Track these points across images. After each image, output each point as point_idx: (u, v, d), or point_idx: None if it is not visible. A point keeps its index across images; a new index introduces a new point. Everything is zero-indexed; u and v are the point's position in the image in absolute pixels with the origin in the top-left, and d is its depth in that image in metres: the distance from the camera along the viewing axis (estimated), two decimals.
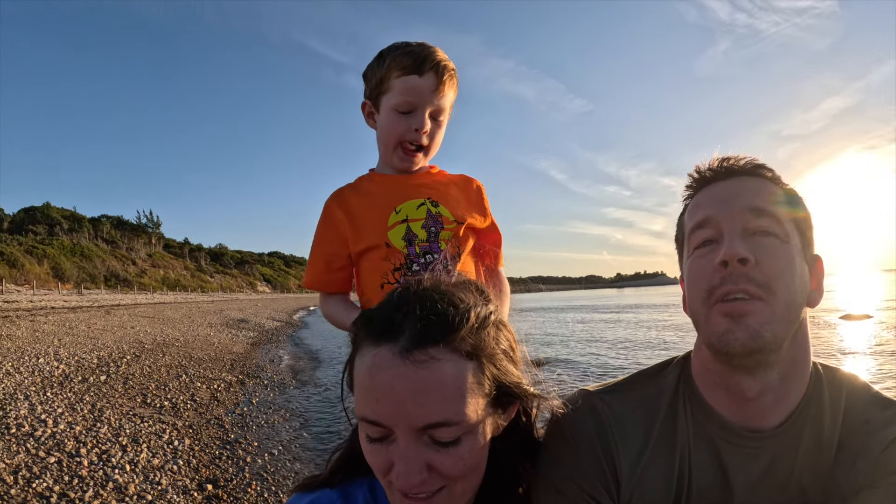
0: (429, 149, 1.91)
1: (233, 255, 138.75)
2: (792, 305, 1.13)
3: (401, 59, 1.79)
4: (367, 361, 1.04)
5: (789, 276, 1.13)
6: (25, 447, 6.49)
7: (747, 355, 1.12)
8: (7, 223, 78.95)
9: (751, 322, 1.10)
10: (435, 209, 1.88)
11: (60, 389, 9.74)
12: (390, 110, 1.84)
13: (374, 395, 1.01)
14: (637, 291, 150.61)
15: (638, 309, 43.57)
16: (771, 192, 1.20)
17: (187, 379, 11.97)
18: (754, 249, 1.13)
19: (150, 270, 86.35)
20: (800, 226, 1.20)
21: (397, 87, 1.81)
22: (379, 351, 1.02)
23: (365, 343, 1.06)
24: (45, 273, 59.05)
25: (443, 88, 1.81)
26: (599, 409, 1.29)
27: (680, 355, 1.38)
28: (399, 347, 1.00)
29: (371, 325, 1.06)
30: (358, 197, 1.95)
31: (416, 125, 1.82)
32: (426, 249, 1.83)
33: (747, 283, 1.11)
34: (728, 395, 1.20)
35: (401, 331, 1.01)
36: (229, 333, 23.89)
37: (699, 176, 1.29)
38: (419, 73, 1.78)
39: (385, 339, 1.02)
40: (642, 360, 15.61)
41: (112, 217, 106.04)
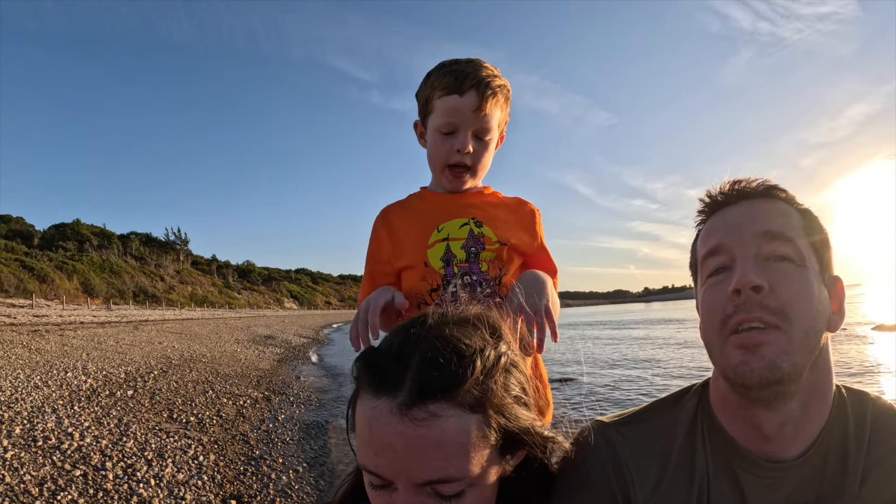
0: (476, 169, 1.86)
1: (260, 271, 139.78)
2: (810, 332, 1.08)
3: (442, 78, 1.76)
4: (366, 412, 0.99)
5: (806, 301, 1.08)
6: (51, 460, 6.52)
7: (765, 387, 1.07)
8: (38, 239, 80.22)
9: (767, 353, 1.06)
10: (478, 229, 1.82)
11: (88, 403, 9.78)
12: (434, 131, 1.82)
13: (372, 448, 0.97)
14: (665, 305, 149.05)
15: (665, 324, 43.29)
16: (784, 213, 1.16)
17: (213, 395, 12.00)
18: (768, 276, 1.09)
19: (178, 287, 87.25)
20: (817, 247, 1.15)
21: (439, 107, 1.78)
22: (378, 404, 0.97)
23: (364, 390, 1.01)
24: (75, 288, 59.86)
25: (484, 107, 1.74)
26: (614, 440, 1.26)
27: (699, 383, 1.34)
28: (398, 403, 0.94)
29: (370, 373, 1.01)
30: (403, 214, 1.93)
31: (458, 146, 1.78)
32: (465, 270, 1.78)
33: (762, 311, 1.07)
34: (747, 425, 1.16)
35: (400, 384, 0.96)
36: (256, 350, 23.98)
37: (710, 200, 1.25)
38: (459, 93, 1.74)
39: (384, 392, 0.97)
40: (668, 379, 15.40)
41: (141, 234, 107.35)
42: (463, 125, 1.77)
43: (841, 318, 1.15)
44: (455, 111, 1.75)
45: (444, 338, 1.00)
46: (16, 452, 6.61)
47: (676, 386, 1.45)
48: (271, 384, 14.57)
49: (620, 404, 11.57)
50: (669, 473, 1.21)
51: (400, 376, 0.96)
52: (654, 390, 13.57)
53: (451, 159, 1.81)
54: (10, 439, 7.08)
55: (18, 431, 7.46)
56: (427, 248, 1.81)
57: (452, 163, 1.82)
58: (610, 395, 13.06)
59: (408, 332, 1.04)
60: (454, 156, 1.80)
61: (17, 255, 59.79)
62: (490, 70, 1.78)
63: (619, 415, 1.35)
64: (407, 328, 1.06)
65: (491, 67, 1.79)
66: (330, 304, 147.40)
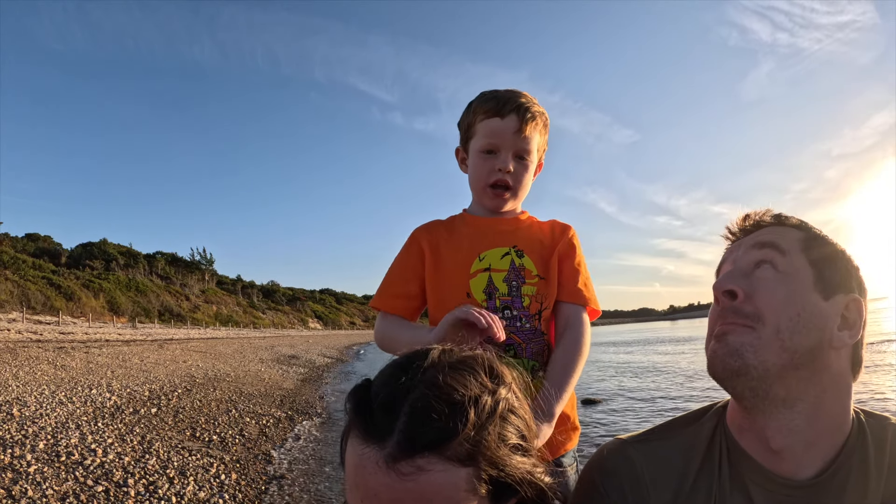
0: (516, 190, 1.90)
1: (284, 291, 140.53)
2: (786, 332, 1.08)
3: (484, 104, 1.84)
4: (354, 457, 0.95)
5: (783, 306, 1.09)
6: (74, 475, 6.51)
7: (731, 376, 1.10)
8: (65, 258, 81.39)
9: (731, 340, 1.10)
10: (519, 260, 1.85)
11: (111, 420, 9.79)
12: (476, 153, 1.88)
13: (358, 493, 0.94)
14: (691, 323, 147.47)
15: (690, 342, 42.79)
16: (784, 231, 1.19)
17: (237, 414, 11.99)
18: (750, 284, 1.12)
19: (203, 306, 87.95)
20: (816, 262, 1.15)
21: (481, 130, 1.85)
22: (365, 451, 0.93)
23: (354, 432, 0.97)
24: (101, 306, 60.54)
25: (525, 129, 1.81)
26: (633, 457, 1.27)
27: (719, 403, 1.34)
28: (385, 454, 0.90)
29: (360, 418, 0.96)
30: (447, 234, 1.95)
31: (500, 165, 1.83)
32: (506, 304, 1.80)
33: (735, 316, 1.11)
34: (755, 439, 1.16)
35: (388, 434, 0.91)
36: (280, 369, 24.01)
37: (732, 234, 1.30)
38: (500, 116, 1.80)
39: (372, 441, 0.93)
40: (692, 398, 15.13)
41: (167, 254, 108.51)
42: (504, 146, 1.82)
43: (850, 336, 1.12)
44: (496, 132, 1.82)
45: (437, 386, 0.94)
46: (39, 467, 6.60)
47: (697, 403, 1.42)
48: (294, 404, 14.55)
49: (644, 422, 11.39)
50: (687, 491, 1.20)
51: (388, 426, 0.92)
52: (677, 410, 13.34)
53: (492, 178, 1.86)
54: (34, 454, 7.07)
55: (42, 446, 7.45)
56: (469, 278, 1.83)
57: (493, 181, 1.86)
58: (634, 416, 12.88)
59: (400, 376, 0.98)
60: (495, 174, 1.85)
61: (44, 272, 60.65)
62: (529, 98, 1.85)
63: (638, 432, 1.36)
64: (399, 371, 1.00)
65: (530, 96, 1.86)
66: (354, 325, 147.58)
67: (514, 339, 1.75)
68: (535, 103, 1.86)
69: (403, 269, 1.93)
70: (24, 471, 6.40)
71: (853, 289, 1.15)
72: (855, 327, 1.13)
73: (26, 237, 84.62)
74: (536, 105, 1.85)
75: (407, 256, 1.94)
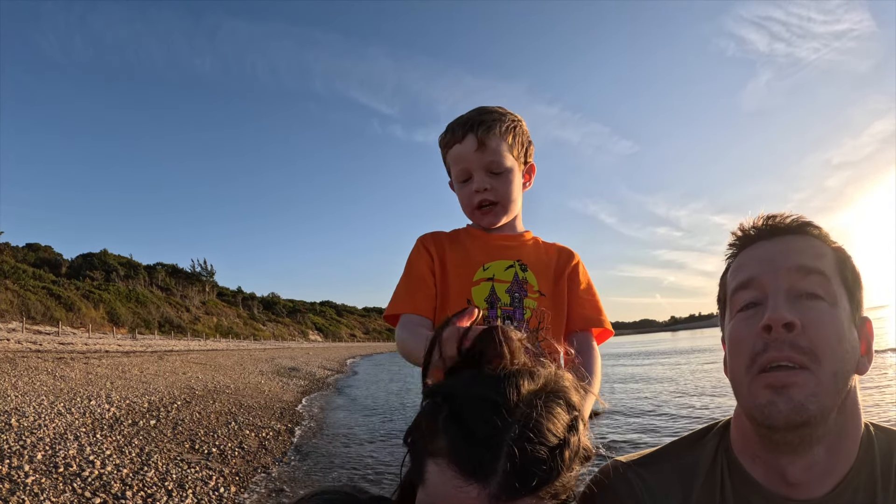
0: (504, 204, 1.87)
1: (285, 303, 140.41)
2: (839, 374, 1.03)
3: (445, 135, 1.86)
4: (449, 487, 0.93)
5: (837, 342, 1.04)
6: (72, 486, 6.48)
7: (791, 430, 1.03)
8: (65, 268, 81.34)
9: (795, 394, 1.01)
10: (523, 274, 1.85)
11: (110, 432, 9.76)
12: (456, 184, 1.90)
13: None
14: (692, 334, 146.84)
15: (694, 353, 42.58)
16: (819, 251, 1.12)
17: (236, 426, 11.94)
18: (801, 313, 1.04)
19: (203, 318, 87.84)
20: (849, 287, 1.11)
21: (450, 160, 1.88)
22: (467, 489, 0.90)
23: (448, 462, 0.93)
24: (101, 317, 60.45)
25: (485, 143, 1.79)
26: (633, 481, 1.24)
27: (720, 423, 1.30)
28: (487, 494, 0.90)
29: (458, 455, 0.93)
30: (452, 245, 1.94)
31: (476, 186, 1.83)
32: (508, 314, 1.79)
33: (792, 350, 1.03)
34: (769, 469, 1.12)
35: (491, 473, 0.90)
36: (280, 381, 23.95)
37: (743, 234, 1.22)
38: (459, 141, 1.81)
39: (474, 479, 0.91)
40: (695, 413, 15.05)
41: (167, 265, 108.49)
42: (473, 167, 1.82)
43: (869, 361, 1.10)
44: (461, 158, 1.83)
45: (536, 427, 0.94)
46: (37, 478, 6.57)
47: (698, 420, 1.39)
48: (294, 416, 14.51)
49: (646, 437, 11.32)
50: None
51: (491, 467, 0.90)
52: (678, 426, 13.26)
53: (474, 200, 1.85)
54: (32, 465, 7.04)
55: (40, 457, 7.42)
56: (472, 286, 1.82)
57: (476, 204, 1.85)
58: (636, 430, 12.81)
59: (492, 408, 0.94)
60: (475, 197, 1.84)
61: (44, 282, 60.66)
62: (487, 109, 1.84)
63: (638, 454, 1.32)
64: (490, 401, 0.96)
65: (492, 108, 1.85)
66: (355, 337, 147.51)
67: None
68: (496, 111, 1.83)
69: (420, 271, 1.89)
70: (22, 482, 6.37)
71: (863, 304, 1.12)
72: (871, 351, 1.11)
73: (27, 247, 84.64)
74: (496, 114, 1.82)
75: (420, 259, 1.92)
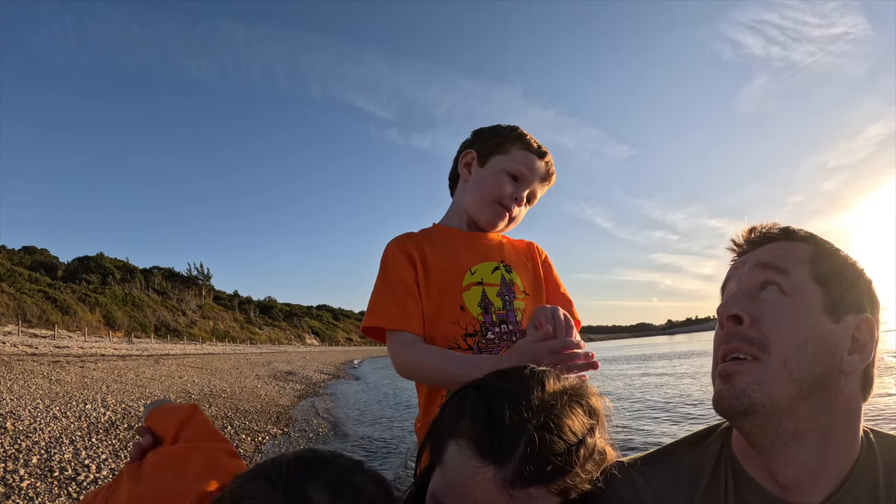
0: (514, 222, 1.96)
1: (281, 307, 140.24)
2: (794, 363, 1.04)
3: (527, 139, 1.90)
4: (465, 466, 1.03)
5: (790, 332, 1.06)
6: (67, 491, 6.47)
7: (737, 417, 1.08)
8: (62, 271, 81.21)
9: (737, 381, 1.06)
10: (509, 276, 1.87)
11: (106, 436, 9.73)
12: (501, 170, 1.88)
13: (459, 499, 1.03)
14: (689, 337, 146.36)
15: (691, 357, 42.41)
16: (788, 248, 1.14)
17: (232, 430, 11.90)
18: (755, 307, 1.09)
19: (199, 321, 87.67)
20: (825, 281, 1.10)
21: (518, 156, 1.88)
22: (483, 468, 1.01)
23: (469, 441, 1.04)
24: (97, 321, 60.31)
25: (550, 179, 1.95)
26: (637, 482, 1.24)
27: (724, 423, 1.30)
28: (502, 478, 0.99)
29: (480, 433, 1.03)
30: (431, 245, 1.90)
31: (518, 193, 1.88)
32: (502, 318, 1.80)
33: (741, 342, 1.08)
34: (763, 470, 1.13)
35: (509, 458, 0.99)
36: (276, 385, 23.87)
37: (736, 248, 1.26)
38: (540, 157, 1.90)
39: (491, 461, 1.00)
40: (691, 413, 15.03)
41: (163, 268, 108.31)
42: (529, 182, 1.89)
43: (860, 360, 1.08)
44: (532, 167, 1.88)
45: (557, 421, 1.03)
46: (32, 482, 6.55)
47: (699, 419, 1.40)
48: (290, 420, 14.45)
49: (647, 437, 11.30)
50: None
51: (509, 451, 0.99)
52: (678, 426, 13.25)
53: (507, 201, 1.88)
54: (27, 469, 7.02)
55: (35, 461, 7.40)
56: (462, 291, 1.81)
57: (506, 203, 1.89)
58: (636, 431, 12.79)
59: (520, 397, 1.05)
60: (508, 199, 1.88)
61: (40, 286, 60.53)
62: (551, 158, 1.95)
63: (642, 454, 1.33)
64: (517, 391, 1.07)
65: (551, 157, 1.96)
66: (351, 341, 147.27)
67: None
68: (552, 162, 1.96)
69: (404, 279, 1.81)
70: (17, 486, 6.36)
71: (865, 307, 1.10)
72: (866, 349, 1.09)
73: (23, 250, 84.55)
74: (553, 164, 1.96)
75: (398, 263, 1.83)
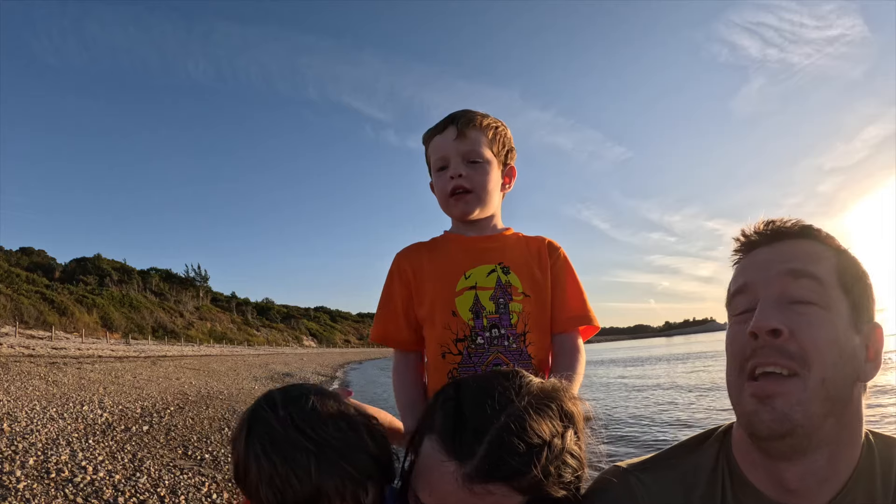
0: (478, 194, 1.88)
1: (279, 309, 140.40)
2: (831, 381, 1.02)
3: (429, 130, 1.94)
4: (433, 459, 1.12)
5: (828, 347, 1.03)
6: (64, 492, 6.46)
7: (776, 439, 1.04)
8: (59, 273, 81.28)
9: (779, 404, 1.02)
10: (505, 277, 1.84)
11: (102, 437, 9.73)
12: (433, 173, 1.94)
13: (427, 489, 1.12)
14: (687, 339, 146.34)
15: (689, 360, 42.35)
16: (816, 254, 1.11)
17: (229, 432, 11.84)
18: (789, 319, 1.04)
19: (197, 323, 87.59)
20: (850, 290, 1.08)
21: (431, 151, 1.93)
22: (445, 463, 1.09)
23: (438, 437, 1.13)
24: (94, 322, 60.26)
25: (464, 133, 1.85)
26: (634, 487, 1.23)
27: (721, 428, 1.29)
28: (463, 473, 1.06)
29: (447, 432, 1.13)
30: (430, 255, 1.93)
31: (451, 173, 1.86)
32: (494, 322, 1.79)
33: (779, 356, 1.03)
34: (769, 476, 1.12)
35: (470, 456, 1.06)
36: (273, 387, 23.75)
37: (745, 240, 1.22)
38: (440, 132, 1.89)
39: (454, 456, 1.08)
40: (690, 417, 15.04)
41: (161, 270, 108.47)
42: (451, 156, 1.87)
43: (875, 368, 1.09)
44: (440, 146, 1.89)
45: (521, 423, 1.08)
46: (28, 483, 6.55)
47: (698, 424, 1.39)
48: None
49: (642, 442, 11.31)
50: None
51: (471, 449, 1.07)
52: (676, 429, 13.25)
53: (448, 187, 1.87)
54: (24, 470, 7.02)
55: (32, 462, 7.40)
56: (455, 296, 1.81)
57: (450, 189, 1.87)
58: (632, 435, 12.79)
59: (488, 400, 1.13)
60: (450, 183, 1.86)
61: (38, 287, 60.56)
62: (473, 111, 1.91)
63: (638, 459, 1.32)
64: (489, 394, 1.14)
65: (476, 111, 1.91)
66: (349, 343, 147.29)
67: (502, 360, 1.75)
68: (479, 112, 1.91)
69: (398, 297, 1.91)
70: (14, 487, 6.35)
71: (873, 314, 1.11)
72: (879, 357, 1.09)
73: (20, 251, 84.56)
74: (480, 114, 1.90)
75: (395, 283, 1.93)
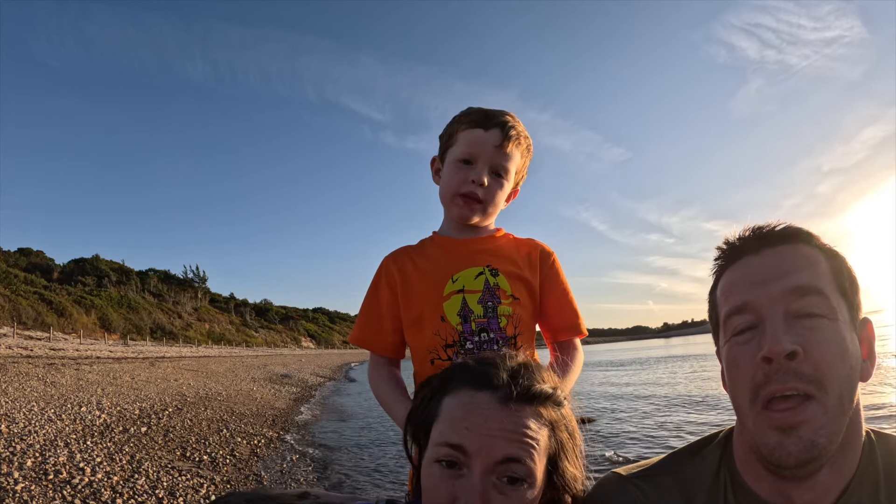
0: (487, 206, 1.83)
1: (277, 310, 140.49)
2: (844, 395, 1.01)
3: (470, 114, 1.81)
4: (464, 401, 1.18)
5: (840, 360, 1.01)
6: (62, 494, 6.43)
7: (802, 466, 1.02)
8: (57, 273, 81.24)
9: (804, 432, 1.00)
10: (494, 279, 1.79)
11: (101, 439, 9.69)
12: (452, 161, 1.83)
13: (465, 423, 1.14)
14: (685, 340, 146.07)
15: (688, 360, 42.23)
16: (811, 261, 1.08)
17: (228, 433, 11.87)
18: (801, 337, 1.01)
19: (195, 324, 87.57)
20: (846, 292, 1.07)
21: (462, 139, 1.81)
22: (479, 395, 1.17)
23: (463, 386, 1.20)
24: (93, 323, 60.26)
25: (507, 145, 1.78)
26: (632, 495, 1.24)
27: (721, 435, 1.28)
28: (498, 397, 1.16)
29: (471, 374, 1.22)
30: (417, 259, 1.89)
31: (474, 176, 1.79)
32: (482, 326, 1.75)
33: (796, 380, 1.00)
34: (774, 491, 1.10)
35: (499, 385, 1.17)
36: (272, 388, 23.84)
37: (729, 247, 1.17)
38: (484, 128, 1.77)
39: (486, 388, 1.17)
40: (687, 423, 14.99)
41: (159, 271, 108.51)
42: (482, 158, 1.78)
43: (872, 365, 1.08)
44: (477, 143, 1.78)
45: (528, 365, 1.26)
46: (26, 485, 6.51)
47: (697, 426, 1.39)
48: (286, 423, 14.44)
49: (641, 443, 11.27)
50: None
51: (499, 379, 1.18)
52: (674, 434, 13.22)
53: (464, 188, 1.80)
54: (22, 471, 6.98)
55: (30, 464, 7.36)
56: (443, 301, 1.78)
57: (465, 192, 1.81)
58: (632, 436, 12.75)
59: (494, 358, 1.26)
60: (468, 185, 1.80)
61: (36, 288, 60.50)
62: (516, 119, 1.83)
63: (638, 466, 1.31)
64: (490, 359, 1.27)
65: (517, 119, 1.84)
66: (347, 344, 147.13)
67: None
68: (525, 133, 1.84)
69: (382, 301, 1.88)
70: (11, 489, 6.31)
71: (862, 308, 1.10)
72: (873, 353, 1.09)
73: (18, 251, 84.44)
74: (522, 127, 1.83)
75: (380, 286, 1.90)
